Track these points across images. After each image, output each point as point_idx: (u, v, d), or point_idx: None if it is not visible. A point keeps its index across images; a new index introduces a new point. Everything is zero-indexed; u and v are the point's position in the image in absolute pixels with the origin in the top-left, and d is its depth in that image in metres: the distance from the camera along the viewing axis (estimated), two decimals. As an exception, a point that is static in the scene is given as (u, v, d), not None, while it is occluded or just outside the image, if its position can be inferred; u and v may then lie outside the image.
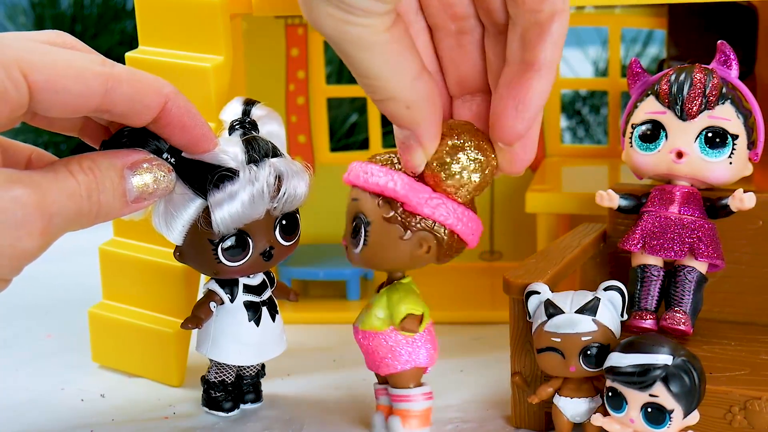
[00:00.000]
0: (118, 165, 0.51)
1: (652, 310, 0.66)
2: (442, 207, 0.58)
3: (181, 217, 0.59)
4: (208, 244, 0.62)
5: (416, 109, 0.53)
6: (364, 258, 0.59)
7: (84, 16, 1.46)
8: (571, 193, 0.86)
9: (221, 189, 0.58)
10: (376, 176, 0.58)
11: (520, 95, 0.54)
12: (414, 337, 0.62)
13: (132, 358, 0.77)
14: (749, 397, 0.58)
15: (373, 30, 0.48)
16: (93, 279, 0.80)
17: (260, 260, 0.63)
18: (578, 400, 0.61)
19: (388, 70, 0.51)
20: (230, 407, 0.69)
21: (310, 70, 0.98)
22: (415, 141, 0.55)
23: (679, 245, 0.65)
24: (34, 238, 0.45)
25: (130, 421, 0.69)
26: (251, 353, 0.67)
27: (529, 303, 0.62)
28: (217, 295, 0.66)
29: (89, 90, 0.48)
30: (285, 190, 0.61)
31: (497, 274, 0.65)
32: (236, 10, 0.75)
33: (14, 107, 0.46)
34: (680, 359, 0.54)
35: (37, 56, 0.46)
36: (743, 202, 0.64)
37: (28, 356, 0.83)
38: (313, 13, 0.48)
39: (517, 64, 0.54)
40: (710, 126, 0.66)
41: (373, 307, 0.62)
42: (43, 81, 0.46)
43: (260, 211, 0.60)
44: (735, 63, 0.67)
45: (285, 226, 0.64)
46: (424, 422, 0.63)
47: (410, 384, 0.63)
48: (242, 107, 0.65)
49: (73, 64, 0.48)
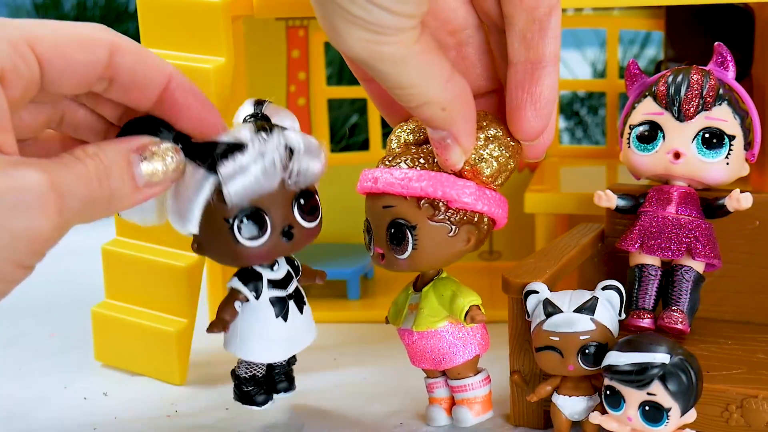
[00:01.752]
0: (123, 149, 0.50)
1: (649, 310, 0.66)
2: (483, 197, 0.58)
3: (197, 200, 0.56)
4: (223, 224, 0.59)
5: (452, 110, 0.54)
6: (412, 262, 0.59)
7: (87, 18, 1.45)
8: (569, 194, 0.86)
9: (230, 160, 0.56)
10: (416, 181, 0.57)
11: (533, 94, 0.55)
12: (471, 327, 0.62)
13: (134, 357, 0.77)
14: (746, 395, 0.58)
15: (404, 45, 0.49)
16: (96, 278, 0.81)
17: (280, 242, 0.60)
18: (576, 398, 0.61)
19: (423, 78, 0.51)
20: (263, 400, 0.66)
21: (310, 71, 0.98)
22: (453, 140, 0.55)
23: (676, 245, 0.65)
24: (49, 218, 0.45)
25: (133, 419, 0.69)
26: (281, 349, 0.65)
27: (528, 302, 0.62)
28: (241, 294, 0.63)
29: (94, 56, 0.48)
30: (297, 163, 0.59)
31: (496, 273, 0.65)
32: (237, 12, 0.75)
33: (27, 84, 0.46)
34: (677, 358, 0.54)
35: (41, 28, 0.47)
36: (740, 202, 0.64)
37: (32, 355, 0.83)
38: (342, 39, 0.48)
39: (522, 64, 0.55)
40: (707, 127, 0.66)
41: (423, 308, 0.62)
42: (50, 51, 0.47)
43: (274, 183, 0.58)
44: (732, 64, 0.67)
45: (303, 205, 0.61)
46: (488, 406, 0.64)
47: (471, 372, 0.64)
48: (254, 106, 0.63)
49: (77, 31, 0.48)
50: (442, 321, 0.62)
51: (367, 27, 0.47)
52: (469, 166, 0.57)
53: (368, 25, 0.47)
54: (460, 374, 0.63)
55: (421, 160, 0.58)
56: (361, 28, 0.47)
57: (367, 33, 0.47)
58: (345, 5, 0.46)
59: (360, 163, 0.99)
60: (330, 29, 0.48)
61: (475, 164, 0.57)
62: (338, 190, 0.92)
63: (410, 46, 0.49)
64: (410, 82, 0.51)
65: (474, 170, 0.57)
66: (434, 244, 0.58)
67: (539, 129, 0.56)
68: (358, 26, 0.47)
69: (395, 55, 0.49)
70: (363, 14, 0.46)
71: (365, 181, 0.60)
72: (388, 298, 0.67)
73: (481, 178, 0.58)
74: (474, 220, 0.58)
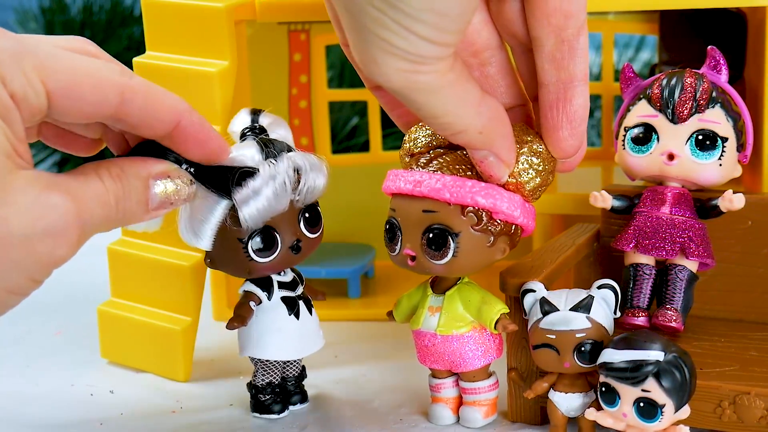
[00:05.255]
0: (144, 174, 0.51)
1: (644, 308, 0.66)
2: (525, 210, 0.59)
3: (210, 222, 0.59)
4: (238, 244, 0.62)
5: (489, 131, 0.54)
6: (449, 268, 0.59)
7: (93, 22, 1.45)
8: (565, 194, 0.86)
9: (244, 186, 0.58)
10: (468, 190, 0.57)
11: (568, 114, 0.56)
12: (493, 333, 0.63)
13: (140, 354, 0.77)
14: (738, 392, 0.58)
15: (440, 73, 0.48)
16: (102, 277, 0.81)
17: (289, 254, 0.64)
18: (572, 395, 0.61)
19: (456, 107, 0.51)
20: (280, 409, 0.68)
21: (312, 74, 0.98)
22: (495, 158, 0.56)
23: (670, 245, 0.66)
24: (71, 246, 0.46)
25: (138, 415, 0.70)
26: (294, 347, 0.67)
27: (525, 301, 0.62)
28: (255, 295, 0.66)
29: (105, 99, 0.48)
30: (305, 181, 0.62)
31: (494, 272, 0.65)
32: (241, 16, 0.75)
33: (34, 112, 0.46)
34: (672, 355, 0.54)
35: (57, 63, 0.46)
36: (733, 202, 0.64)
37: (39, 352, 0.83)
38: (381, 70, 0.47)
39: (554, 85, 0.55)
40: (701, 129, 0.66)
41: (447, 311, 0.63)
42: (61, 88, 0.46)
43: (284, 204, 0.61)
44: (725, 68, 0.67)
45: (309, 219, 0.64)
46: (495, 409, 0.66)
47: (485, 376, 0.65)
48: (250, 116, 0.66)
49: (91, 72, 0.48)
50: (468, 326, 0.63)
51: (406, 57, 0.46)
52: (514, 179, 0.58)
53: (408, 56, 0.46)
54: (475, 377, 0.64)
55: (463, 167, 0.58)
56: (400, 59, 0.46)
57: (405, 63, 0.47)
58: (385, 36, 0.46)
59: (360, 164, 1.00)
60: (368, 60, 0.47)
61: (520, 177, 0.58)
62: (339, 191, 0.93)
63: (445, 75, 0.49)
64: (444, 111, 0.51)
65: (518, 184, 0.58)
66: (474, 252, 0.58)
67: (576, 146, 0.57)
68: (398, 57, 0.46)
69: (431, 84, 0.48)
70: (404, 45, 0.46)
71: (402, 182, 0.59)
72: (389, 297, 0.68)
73: (524, 191, 0.58)
74: (511, 231, 0.59)
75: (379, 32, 0.46)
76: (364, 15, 0.45)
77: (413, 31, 0.45)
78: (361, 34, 0.47)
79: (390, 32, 0.45)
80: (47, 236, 0.45)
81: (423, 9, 0.45)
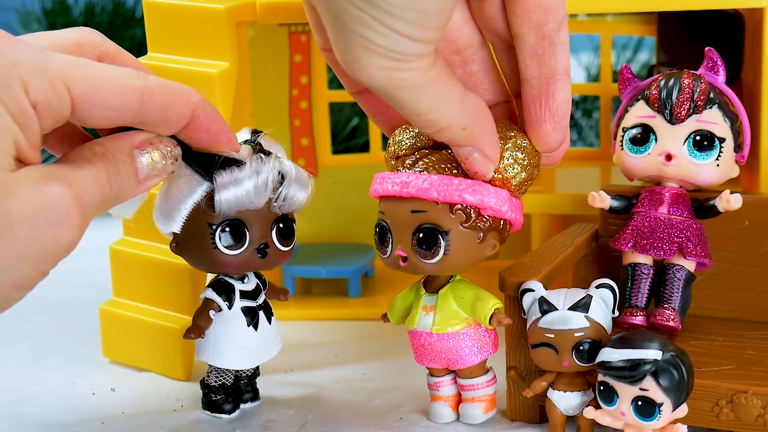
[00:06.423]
0: (126, 147, 0.51)
1: (642, 307, 0.67)
2: (512, 205, 0.59)
3: (186, 202, 0.60)
4: (206, 228, 0.62)
5: (472, 128, 0.54)
6: (441, 267, 0.59)
7: (95, 24, 1.44)
8: (564, 194, 0.86)
9: (227, 172, 0.59)
10: (455, 188, 0.57)
11: (551, 108, 0.56)
12: (488, 329, 0.64)
13: (141, 353, 0.77)
14: (736, 390, 0.58)
15: (422, 71, 0.49)
16: (104, 277, 0.81)
17: (254, 257, 0.63)
18: (571, 393, 0.61)
19: (439, 103, 0.51)
20: (231, 408, 0.69)
21: (312, 75, 0.98)
22: (480, 154, 0.56)
23: (668, 244, 0.66)
24: (74, 232, 0.46)
25: (140, 413, 0.70)
26: (251, 357, 0.68)
27: (524, 300, 0.62)
28: (215, 303, 0.66)
29: (126, 104, 0.49)
30: (287, 188, 0.62)
31: (493, 272, 0.66)
32: (242, 18, 0.76)
33: (57, 118, 0.47)
34: (669, 354, 0.54)
35: (78, 70, 0.47)
36: (730, 202, 0.65)
37: (42, 351, 0.83)
38: (363, 69, 0.47)
39: (536, 80, 0.56)
40: (698, 129, 0.66)
41: (441, 310, 0.63)
42: (84, 94, 0.47)
43: (261, 202, 0.61)
44: (722, 69, 0.68)
45: (282, 229, 0.64)
46: (494, 404, 0.66)
47: (482, 372, 0.65)
48: (250, 135, 0.65)
49: (112, 78, 0.49)
50: (462, 323, 0.63)
51: (388, 55, 0.47)
52: (500, 175, 0.58)
53: (389, 53, 0.47)
54: (473, 374, 0.65)
55: (449, 165, 0.59)
56: (382, 56, 0.47)
57: (387, 61, 0.47)
58: (367, 34, 0.46)
59: (360, 164, 1.00)
60: (350, 59, 0.48)
61: (506, 173, 0.58)
62: (339, 191, 0.93)
63: (427, 72, 0.49)
64: (428, 108, 0.51)
65: (504, 179, 0.58)
66: (465, 249, 0.59)
67: (560, 140, 0.58)
68: (379, 54, 0.47)
69: (413, 81, 0.49)
70: (385, 42, 0.46)
71: (390, 184, 0.59)
72: (388, 296, 0.68)
73: (511, 186, 0.59)
74: (500, 226, 0.59)
75: (360, 31, 0.46)
76: (345, 14, 0.46)
77: (394, 28, 0.46)
78: (342, 34, 0.47)
79: (371, 30, 0.46)
80: (51, 225, 0.45)
81: (403, 6, 0.45)
